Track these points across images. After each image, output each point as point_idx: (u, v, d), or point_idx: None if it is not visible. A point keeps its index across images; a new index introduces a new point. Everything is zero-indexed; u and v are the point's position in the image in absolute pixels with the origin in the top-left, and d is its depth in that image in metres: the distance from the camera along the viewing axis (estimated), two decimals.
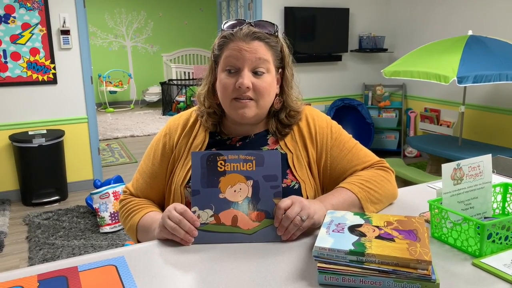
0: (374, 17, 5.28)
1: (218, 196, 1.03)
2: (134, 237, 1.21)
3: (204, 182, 1.03)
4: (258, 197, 1.03)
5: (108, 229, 3.20)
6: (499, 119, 4.22)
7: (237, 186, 1.04)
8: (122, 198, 1.30)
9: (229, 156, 1.05)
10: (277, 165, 1.06)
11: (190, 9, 9.25)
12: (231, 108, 1.16)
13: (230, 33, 1.15)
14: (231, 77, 1.14)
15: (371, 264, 0.82)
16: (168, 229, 1.01)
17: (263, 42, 1.14)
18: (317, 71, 5.06)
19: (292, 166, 1.22)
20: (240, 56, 1.12)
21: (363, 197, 1.16)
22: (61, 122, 3.97)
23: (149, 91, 8.76)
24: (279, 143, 1.25)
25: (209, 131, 1.25)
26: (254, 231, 1.00)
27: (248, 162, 1.05)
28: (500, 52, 3.37)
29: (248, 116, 1.15)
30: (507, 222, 0.97)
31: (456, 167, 1.04)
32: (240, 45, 1.12)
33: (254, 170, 1.05)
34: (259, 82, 1.13)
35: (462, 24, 4.44)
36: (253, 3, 4.61)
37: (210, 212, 1.01)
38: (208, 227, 1.01)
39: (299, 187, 1.20)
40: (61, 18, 3.80)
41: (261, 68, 1.14)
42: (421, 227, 0.93)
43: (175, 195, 1.19)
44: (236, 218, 1.00)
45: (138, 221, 1.19)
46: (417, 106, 5.19)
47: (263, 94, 1.14)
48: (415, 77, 3.57)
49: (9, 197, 3.87)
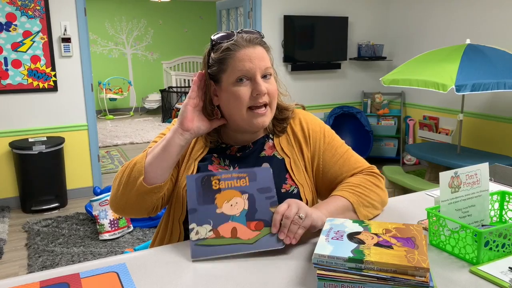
0: (373, 26, 5.32)
1: (215, 211, 1.03)
2: (135, 187, 1.10)
3: (201, 200, 1.04)
4: (255, 208, 1.04)
5: (108, 236, 3.20)
6: (497, 127, 4.24)
7: (233, 200, 1.05)
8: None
9: (223, 175, 1.08)
10: (270, 179, 1.09)
11: (190, 17, 9.31)
12: (248, 118, 1.14)
13: (232, 43, 1.14)
14: (244, 86, 1.13)
15: (370, 271, 0.83)
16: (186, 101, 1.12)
17: (263, 47, 1.17)
18: (316, 79, 5.08)
19: (291, 170, 1.23)
20: (251, 65, 1.12)
21: (355, 201, 1.17)
22: (61, 129, 3.98)
23: (149, 98, 8.78)
24: (276, 149, 1.26)
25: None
26: (255, 240, 1.00)
27: (242, 179, 1.08)
28: (498, 61, 3.40)
29: (266, 124, 1.17)
30: (504, 230, 0.98)
31: (453, 175, 1.05)
32: (248, 52, 1.13)
33: (248, 185, 1.07)
34: (270, 86, 1.15)
35: (460, 32, 4.48)
36: (253, 12, 4.65)
37: (209, 227, 1.01)
38: (208, 241, 1.00)
39: (298, 191, 1.22)
40: (62, 26, 3.83)
41: (269, 73, 1.16)
42: (419, 235, 0.94)
43: (177, 197, 1.20)
44: (235, 230, 1.01)
45: (144, 158, 1.12)
46: (416, 114, 5.21)
47: (274, 97, 1.17)
48: (413, 85, 3.60)
49: (8, 204, 3.87)
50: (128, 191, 1.12)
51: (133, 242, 3.17)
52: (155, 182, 1.11)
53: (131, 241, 3.19)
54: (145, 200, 1.12)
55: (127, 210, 1.16)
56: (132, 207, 1.15)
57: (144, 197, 1.11)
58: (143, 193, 1.11)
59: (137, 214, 1.19)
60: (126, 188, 1.12)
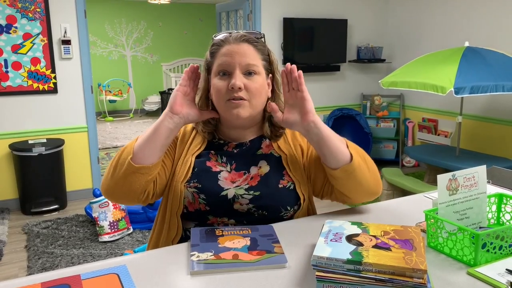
0: (372, 28, 5.34)
1: (217, 246, 1.04)
2: (124, 167, 1.13)
3: (204, 240, 1.07)
4: (257, 244, 1.06)
5: (107, 238, 3.21)
6: (496, 129, 4.26)
7: (235, 240, 1.07)
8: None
9: (226, 228, 1.13)
10: (273, 231, 1.12)
11: (190, 19, 9.33)
12: (226, 109, 1.18)
13: (220, 40, 1.21)
14: (223, 80, 1.18)
15: (368, 273, 0.84)
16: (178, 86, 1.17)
17: (251, 45, 1.20)
18: (315, 81, 5.10)
19: (287, 166, 1.25)
20: (231, 60, 1.17)
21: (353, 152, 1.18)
22: (61, 131, 3.99)
23: (149, 100, 8.80)
24: (273, 147, 1.28)
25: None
26: (257, 260, 0.99)
27: (244, 230, 1.12)
28: (496, 63, 3.41)
29: (243, 116, 1.18)
30: (501, 232, 0.99)
31: (451, 178, 1.06)
32: (231, 48, 1.18)
33: (250, 233, 1.11)
34: (250, 82, 1.17)
35: (458, 35, 4.50)
36: (252, 14, 4.66)
37: (210, 254, 1.01)
38: (209, 261, 0.99)
39: (294, 187, 1.23)
40: (62, 28, 3.84)
41: (252, 70, 1.18)
42: (417, 237, 0.95)
43: (175, 191, 1.21)
44: (237, 255, 1.00)
45: (135, 141, 1.17)
46: (415, 116, 5.23)
47: (255, 94, 1.18)
48: (412, 87, 3.61)
49: (8, 206, 3.88)
50: (117, 172, 1.15)
51: (133, 244, 3.18)
52: (143, 162, 1.14)
53: (130, 243, 3.20)
54: (132, 181, 1.14)
55: (116, 192, 1.18)
56: (121, 189, 1.16)
57: (131, 177, 1.13)
58: (131, 173, 1.13)
59: (127, 198, 1.19)
60: (116, 169, 1.15)
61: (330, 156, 1.16)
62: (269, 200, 1.20)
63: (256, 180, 1.22)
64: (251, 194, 1.20)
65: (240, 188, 1.21)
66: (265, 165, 1.25)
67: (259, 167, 1.24)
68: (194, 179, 1.21)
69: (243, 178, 1.22)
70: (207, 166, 1.23)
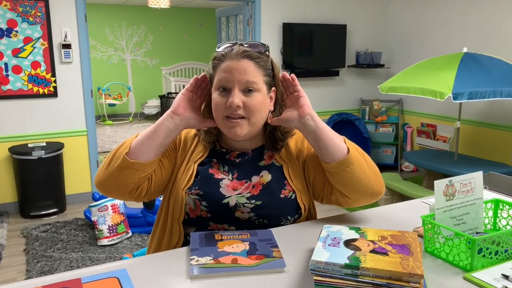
0: (371, 34, 5.36)
1: (217, 250, 1.06)
2: (119, 161, 1.15)
3: (203, 244, 1.08)
4: (256, 248, 1.07)
5: (106, 242, 3.21)
6: (494, 135, 4.27)
7: (235, 245, 1.08)
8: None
9: (225, 233, 1.14)
10: (272, 235, 1.14)
11: (190, 23, 9.35)
12: (224, 126, 1.19)
13: (221, 54, 1.19)
14: (222, 96, 1.17)
15: (366, 277, 0.85)
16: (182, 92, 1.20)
17: (253, 61, 1.17)
18: (314, 86, 5.11)
19: (288, 176, 1.25)
20: (230, 77, 1.15)
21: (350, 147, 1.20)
22: (61, 134, 4.00)
23: (148, 104, 8.81)
24: (275, 156, 1.29)
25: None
26: (256, 264, 1.01)
27: (243, 234, 1.13)
28: (494, 69, 3.43)
29: (240, 135, 1.18)
30: (497, 237, 1.00)
31: (448, 184, 1.07)
32: (230, 64, 1.16)
33: (249, 237, 1.12)
34: (249, 100, 1.16)
35: (457, 41, 4.52)
36: (252, 19, 4.69)
37: (209, 258, 1.03)
38: (208, 265, 1.00)
39: (295, 196, 1.24)
40: (62, 33, 3.86)
41: (251, 87, 1.16)
42: (414, 242, 0.96)
43: (176, 198, 1.22)
44: (236, 259, 1.02)
45: (134, 137, 1.19)
46: (413, 121, 5.25)
47: (254, 112, 1.17)
48: (411, 93, 3.63)
49: (7, 209, 3.88)
50: (112, 165, 1.17)
51: (132, 248, 3.18)
52: (138, 158, 1.15)
53: (129, 246, 3.20)
54: (125, 176, 1.15)
55: (108, 185, 1.19)
56: (113, 182, 1.17)
57: (125, 172, 1.15)
58: (125, 167, 1.15)
59: (118, 192, 1.20)
60: (111, 162, 1.18)
61: (326, 150, 1.17)
62: (271, 210, 1.21)
63: (258, 189, 1.22)
64: (252, 203, 1.20)
65: (241, 196, 1.21)
66: (266, 174, 1.25)
67: (261, 176, 1.25)
68: (196, 186, 1.21)
69: (245, 186, 1.23)
70: (209, 173, 1.24)
